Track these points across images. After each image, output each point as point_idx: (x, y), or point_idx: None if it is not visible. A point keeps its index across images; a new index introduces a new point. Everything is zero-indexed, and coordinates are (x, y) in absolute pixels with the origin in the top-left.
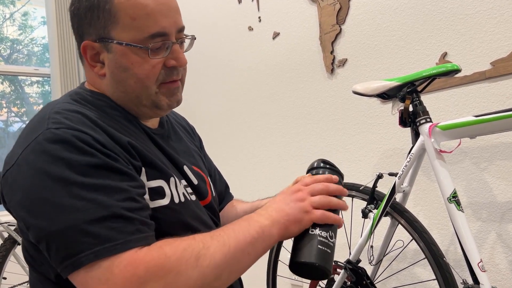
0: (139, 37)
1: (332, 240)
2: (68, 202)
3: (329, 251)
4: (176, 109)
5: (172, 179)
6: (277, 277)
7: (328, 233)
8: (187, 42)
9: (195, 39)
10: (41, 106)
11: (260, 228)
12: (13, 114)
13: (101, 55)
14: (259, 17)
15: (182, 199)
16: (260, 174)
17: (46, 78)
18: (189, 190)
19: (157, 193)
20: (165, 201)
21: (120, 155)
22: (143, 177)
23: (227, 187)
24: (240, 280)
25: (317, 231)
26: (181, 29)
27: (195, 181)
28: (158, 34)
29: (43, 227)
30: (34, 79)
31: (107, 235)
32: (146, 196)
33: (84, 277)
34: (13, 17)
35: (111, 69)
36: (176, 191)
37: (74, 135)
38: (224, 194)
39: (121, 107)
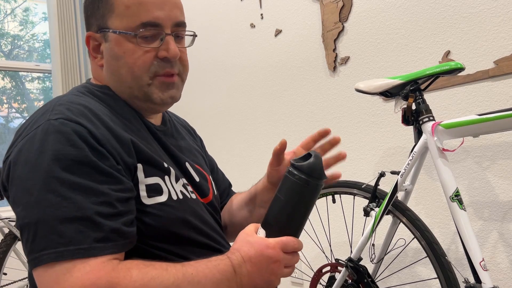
0: (131, 25)
1: None
2: (45, 196)
3: None
4: (177, 106)
5: (167, 177)
6: None
7: None
8: (188, 39)
9: (196, 36)
10: (42, 102)
11: None
12: (13, 110)
13: (101, 46)
14: (261, 14)
15: (181, 196)
16: (262, 172)
17: (47, 74)
18: (190, 188)
19: (155, 190)
20: (162, 198)
21: (113, 152)
22: (141, 174)
23: (230, 185)
24: None
25: None
26: (179, 23)
27: (197, 178)
28: (150, 23)
29: (20, 217)
30: (35, 75)
31: (74, 237)
32: (143, 193)
33: (44, 274)
34: (14, 13)
35: (106, 58)
36: (173, 188)
37: (70, 126)
38: (227, 193)
39: (123, 100)
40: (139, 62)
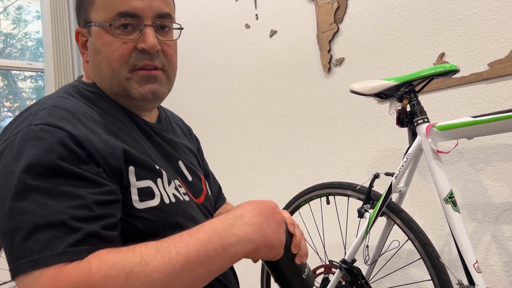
0: (109, 15)
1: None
2: (19, 203)
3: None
4: (171, 106)
5: (159, 180)
6: (271, 276)
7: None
8: (176, 32)
9: (182, 29)
10: (34, 101)
11: (222, 247)
12: (5, 109)
13: (88, 41)
14: (256, 15)
15: (173, 200)
16: (256, 172)
17: (39, 73)
18: (182, 190)
19: (147, 193)
20: (154, 202)
21: (95, 155)
22: (132, 177)
23: (220, 189)
24: (235, 276)
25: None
26: (161, 15)
27: (190, 178)
28: (127, 13)
29: None
30: (28, 73)
31: (48, 243)
32: (135, 197)
33: (22, 284)
34: (7, 11)
35: (89, 53)
36: (165, 191)
37: (50, 132)
38: (217, 197)
39: (112, 99)
40: (116, 54)
